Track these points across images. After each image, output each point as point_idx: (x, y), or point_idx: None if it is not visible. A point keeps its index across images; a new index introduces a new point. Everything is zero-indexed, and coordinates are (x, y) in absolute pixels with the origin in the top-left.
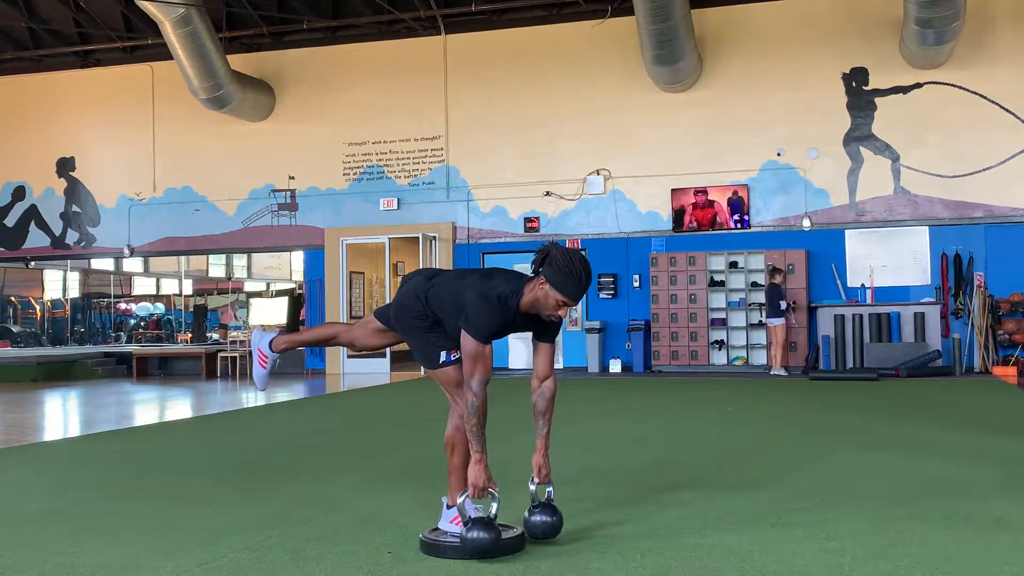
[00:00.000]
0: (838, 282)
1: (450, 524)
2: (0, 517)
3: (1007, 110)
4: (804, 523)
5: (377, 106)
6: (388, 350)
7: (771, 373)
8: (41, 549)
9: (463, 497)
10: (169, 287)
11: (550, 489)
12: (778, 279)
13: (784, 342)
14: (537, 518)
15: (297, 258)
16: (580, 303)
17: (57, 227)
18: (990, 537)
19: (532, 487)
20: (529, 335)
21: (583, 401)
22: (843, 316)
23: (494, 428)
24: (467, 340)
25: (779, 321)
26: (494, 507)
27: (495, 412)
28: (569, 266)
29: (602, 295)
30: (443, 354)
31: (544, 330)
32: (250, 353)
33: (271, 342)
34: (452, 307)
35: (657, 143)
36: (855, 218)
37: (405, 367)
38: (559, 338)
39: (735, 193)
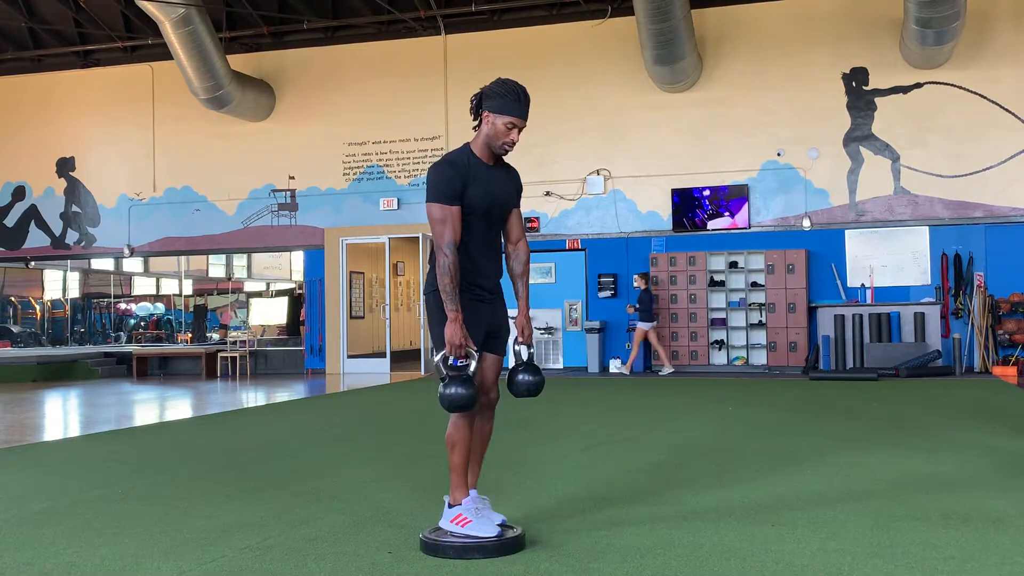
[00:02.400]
0: (838, 282)
1: (451, 524)
2: (0, 517)
3: (1007, 110)
4: (804, 523)
5: (377, 106)
6: (388, 350)
7: (662, 374)
8: (41, 549)
9: (439, 356)
10: (169, 287)
11: (532, 350)
12: (648, 285)
13: (658, 341)
14: (521, 376)
15: (297, 258)
16: (582, 301)
17: (57, 227)
18: (990, 537)
19: (517, 347)
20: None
21: (583, 401)
22: (843, 316)
23: (499, 430)
24: (432, 208)
25: (651, 324)
26: (473, 365)
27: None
28: (502, 88)
29: (602, 295)
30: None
31: (515, 192)
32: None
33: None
34: None
35: (657, 143)
36: (855, 218)
37: (405, 367)
38: (559, 337)
39: (727, 192)
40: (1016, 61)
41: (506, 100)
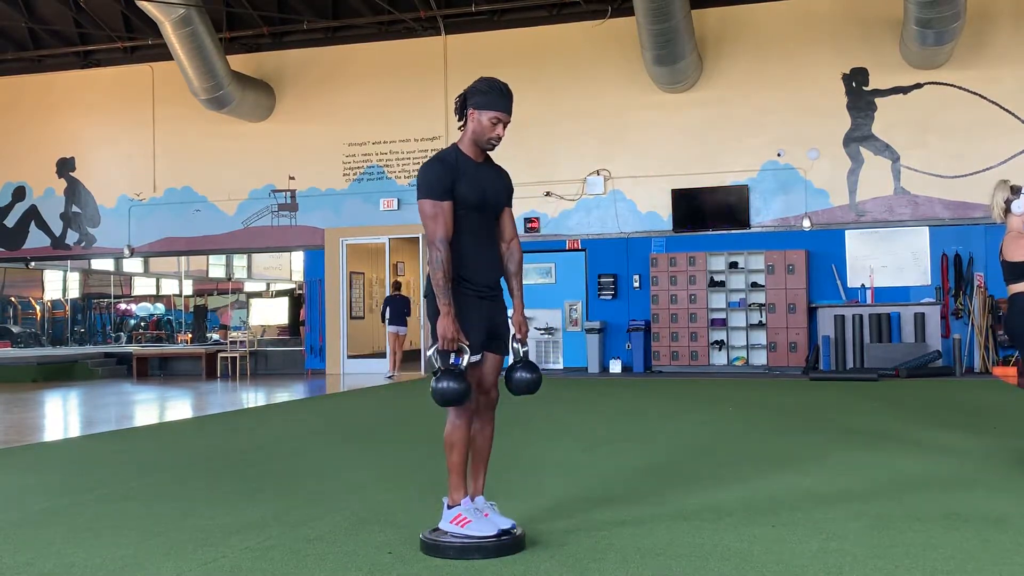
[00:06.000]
0: (838, 282)
1: (451, 524)
2: (0, 517)
3: (1007, 110)
4: (804, 523)
5: (377, 106)
6: (388, 350)
7: (390, 377)
8: (41, 549)
9: (432, 349)
10: (169, 287)
11: (526, 348)
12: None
13: (401, 348)
14: (519, 374)
15: (297, 258)
16: (582, 302)
17: (57, 227)
18: (990, 537)
19: (515, 344)
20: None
21: (583, 401)
22: (843, 316)
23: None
24: (424, 204)
25: (405, 329)
26: (465, 358)
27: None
28: (485, 85)
29: (602, 295)
30: (452, 356)
31: (505, 191)
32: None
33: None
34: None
35: (657, 143)
36: (855, 218)
37: (405, 367)
38: (559, 338)
39: (726, 197)
40: (1016, 61)
41: (490, 96)
